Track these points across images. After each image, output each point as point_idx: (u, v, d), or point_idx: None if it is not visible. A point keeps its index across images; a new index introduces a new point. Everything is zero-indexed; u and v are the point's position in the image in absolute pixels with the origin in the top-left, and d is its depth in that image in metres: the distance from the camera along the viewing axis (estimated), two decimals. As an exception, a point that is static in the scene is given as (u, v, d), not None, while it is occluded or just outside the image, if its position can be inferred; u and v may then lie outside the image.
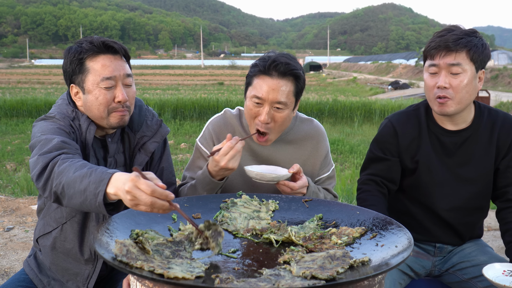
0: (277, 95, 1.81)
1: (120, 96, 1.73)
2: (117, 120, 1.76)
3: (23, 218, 4.65)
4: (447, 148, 1.97)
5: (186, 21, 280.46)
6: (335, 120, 14.94)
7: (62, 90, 24.63)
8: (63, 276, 1.85)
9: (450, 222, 2.01)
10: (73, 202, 1.41)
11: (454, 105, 1.87)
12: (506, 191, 1.98)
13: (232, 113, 2.10)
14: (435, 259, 2.10)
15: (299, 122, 2.08)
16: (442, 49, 1.84)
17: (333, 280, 1.10)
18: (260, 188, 2.01)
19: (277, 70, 1.81)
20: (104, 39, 1.75)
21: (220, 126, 2.06)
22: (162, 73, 53.71)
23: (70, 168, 1.41)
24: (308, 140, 2.05)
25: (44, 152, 1.51)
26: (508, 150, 1.97)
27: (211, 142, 2.04)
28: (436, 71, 1.88)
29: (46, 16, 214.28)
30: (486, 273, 1.65)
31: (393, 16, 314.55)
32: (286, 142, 2.03)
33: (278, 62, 1.81)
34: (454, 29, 1.88)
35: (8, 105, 14.68)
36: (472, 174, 1.97)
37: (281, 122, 1.87)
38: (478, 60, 1.85)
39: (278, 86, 1.81)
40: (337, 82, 42.43)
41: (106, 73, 1.71)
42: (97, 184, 1.33)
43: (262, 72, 1.83)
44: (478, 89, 1.91)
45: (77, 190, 1.37)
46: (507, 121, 1.98)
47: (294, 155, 2.02)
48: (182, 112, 14.93)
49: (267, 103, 1.83)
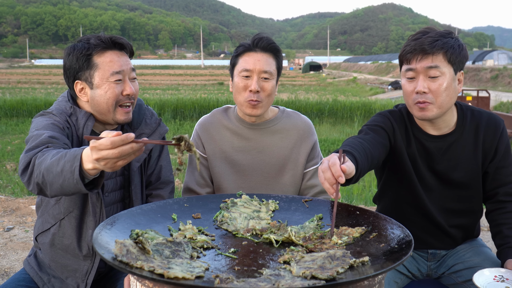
0: (263, 65, 2.01)
1: (128, 89, 1.82)
2: (123, 116, 1.83)
3: (23, 218, 4.65)
4: (432, 154, 1.93)
5: (186, 21, 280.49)
6: (335, 120, 14.95)
7: (62, 90, 24.62)
8: (63, 272, 1.87)
9: (442, 226, 1.98)
10: (55, 187, 1.45)
11: (435, 110, 1.82)
12: (496, 193, 1.95)
13: (219, 110, 2.22)
14: (430, 263, 2.08)
15: (286, 115, 2.19)
16: (418, 52, 1.79)
17: (333, 280, 1.10)
18: (241, 185, 2.10)
19: (259, 46, 2.03)
20: (111, 35, 1.83)
21: (205, 124, 2.17)
22: (162, 73, 53.73)
23: (47, 157, 1.47)
24: (295, 130, 2.15)
25: (30, 149, 1.57)
26: (495, 153, 1.93)
27: (200, 143, 2.15)
28: (414, 76, 1.83)
29: (46, 16, 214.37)
30: (477, 281, 1.60)
31: (393, 16, 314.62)
32: (273, 131, 2.13)
33: (260, 38, 2.05)
34: (429, 31, 1.83)
35: (8, 105, 14.70)
36: (460, 178, 1.93)
37: (269, 91, 2.02)
38: (456, 61, 1.81)
39: (263, 58, 2.02)
40: (337, 82, 42.45)
41: (115, 67, 1.79)
42: (72, 161, 1.37)
43: (247, 49, 2.04)
44: (459, 91, 1.87)
45: (55, 173, 1.41)
46: (491, 122, 1.93)
47: (280, 143, 2.13)
48: (182, 112, 14.94)
49: (255, 73, 2.01)
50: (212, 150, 2.12)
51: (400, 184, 1.99)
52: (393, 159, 1.96)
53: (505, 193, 1.94)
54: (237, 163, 2.10)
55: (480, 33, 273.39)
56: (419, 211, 1.98)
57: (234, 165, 2.10)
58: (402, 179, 1.97)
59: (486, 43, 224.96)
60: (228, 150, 2.11)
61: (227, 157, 2.11)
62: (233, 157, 2.11)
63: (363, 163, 1.61)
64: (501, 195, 1.94)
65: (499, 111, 16.13)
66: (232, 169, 2.11)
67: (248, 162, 2.10)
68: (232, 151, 2.11)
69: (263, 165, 2.10)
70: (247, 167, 2.10)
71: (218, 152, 2.12)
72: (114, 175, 1.90)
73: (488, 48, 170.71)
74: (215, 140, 2.13)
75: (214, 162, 2.12)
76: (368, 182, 6.72)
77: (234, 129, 2.12)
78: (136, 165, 1.90)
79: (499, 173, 1.94)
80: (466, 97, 13.17)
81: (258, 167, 2.10)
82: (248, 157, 2.10)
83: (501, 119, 1.97)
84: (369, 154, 1.71)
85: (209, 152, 2.13)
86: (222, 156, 2.11)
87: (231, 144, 2.12)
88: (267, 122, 2.13)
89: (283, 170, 2.11)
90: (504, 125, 1.96)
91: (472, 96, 13.45)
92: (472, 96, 13.46)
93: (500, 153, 1.93)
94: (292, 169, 2.11)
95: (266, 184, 2.10)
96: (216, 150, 2.12)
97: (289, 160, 2.11)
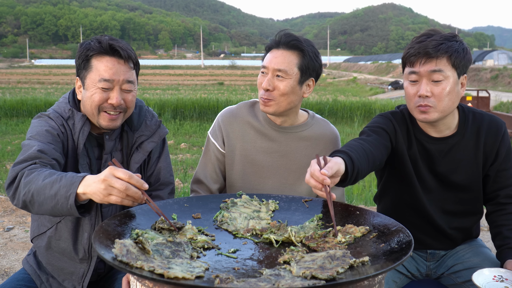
0: (277, 62, 1.92)
1: (114, 100, 1.76)
2: (106, 122, 1.78)
3: (23, 218, 4.65)
4: (433, 155, 1.92)
5: (186, 21, 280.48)
6: (335, 120, 14.94)
7: (62, 90, 24.66)
8: (59, 275, 1.88)
9: (441, 228, 1.98)
10: (44, 208, 1.47)
11: (436, 113, 1.81)
12: (497, 195, 1.95)
13: (247, 104, 2.13)
14: (429, 263, 2.08)
15: (316, 121, 2.11)
16: (422, 56, 1.78)
17: (333, 280, 1.10)
18: (256, 187, 2.03)
19: (283, 42, 1.95)
20: (112, 42, 1.77)
21: (229, 118, 2.07)
22: (162, 73, 53.72)
23: (39, 177, 1.48)
24: (322, 140, 2.07)
25: (18, 162, 1.59)
26: (496, 156, 1.92)
27: (219, 134, 2.07)
28: (417, 79, 1.81)
29: (46, 16, 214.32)
30: (476, 280, 1.60)
31: (393, 16, 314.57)
32: (300, 137, 2.05)
33: (283, 34, 1.96)
34: (434, 34, 1.81)
35: (8, 105, 14.70)
36: (461, 181, 1.93)
37: (282, 90, 1.92)
38: (460, 65, 1.79)
39: (281, 55, 1.94)
40: (337, 82, 42.45)
41: (105, 74, 1.74)
42: (68, 187, 1.40)
43: (272, 46, 1.98)
44: (461, 95, 1.85)
45: (47, 195, 1.43)
46: (493, 125, 1.92)
47: (305, 151, 2.04)
48: (182, 112, 14.94)
49: (270, 71, 1.94)
50: (232, 146, 2.05)
51: (400, 185, 1.99)
52: (394, 160, 1.96)
53: (505, 196, 1.94)
54: (257, 163, 2.03)
55: (480, 33, 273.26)
56: (418, 212, 1.98)
57: (253, 165, 2.02)
58: (402, 180, 1.97)
59: (486, 43, 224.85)
60: (250, 149, 2.03)
61: (247, 156, 2.03)
62: (254, 157, 2.03)
63: (360, 162, 1.61)
64: (501, 198, 1.94)
65: (499, 111, 16.13)
66: (250, 169, 2.03)
67: (268, 164, 2.03)
68: (253, 150, 2.03)
69: (282, 170, 2.03)
70: (266, 169, 2.03)
71: (238, 149, 2.04)
72: None
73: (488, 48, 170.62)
74: (237, 136, 2.05)
75: (232, 159, 2.05)
76: (368, 182, 6.73)
77: (259, 129, 2.04)
78: (135, 166, 1.90)
79: (500, 176, 1.94)
80: (466, 97, 13.16)
81: (277, 171, 2.03)
82: (269, 159, 2.03)
83: (503, 121, 1.96)
84: (370, 155, 1.70)
85: (229, 148, 2.05)
86: (242, 154, 2.04)
87: (253, 143, 2.03)
88: (295, 127, 2.04)
89: (302, 179, 2.01)
90: (506, 128, 1.95)
91: (472, 96, 13.45)
92: (472, 96, 13.46)
93: (501, 156, 1.92)
94: None
95: (281, 191, 2.03)
96: (237, 147, 2.04)
97: None
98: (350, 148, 1.64)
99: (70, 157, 1.78)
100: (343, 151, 1.59)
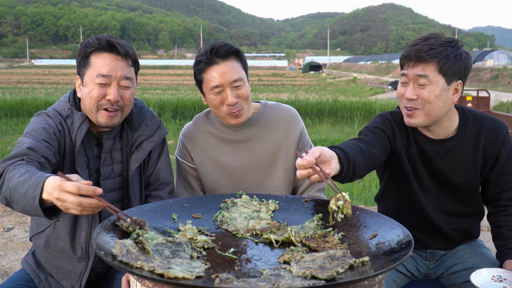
0: (230, 75, 1.90)
1: (111, 95, 1.76)
2: (104, 119, 1.79)
3: (23, 218, 4.65)
4: (431, 157, 1.92)
5: (186, 21, 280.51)
6: (335, 120, 14.95)
7: (62, 90, 24.65)
8: (57, 274, 1.88)
9: (441, 228, 1.98)
10: (19, 206, 1.45)
11: (422, 116, 1.80)
12: (499, 197, 1.95)
13: (201, 116, 2.16)
14: (429, 263, 2.08)
15: (269, 108, 2.12)
16: (411, 58, 1.78)
17: (333, 280, 1.10)
18: (236, 187, 2.06)
19: (218, 55, 1.90)
20: (111, 39, 1.79)
21: (189, 134, 2.12)
22: (162, 73, 53.73)
23: (16, 174, 1.47)
24: (280, 122, 2.08)
25: (8, 158, 1.58)
26: (497, 159, 1.91)
27: (187, 153, 2.10)
28: (406, 81, 1.82)
29: (46, 16, 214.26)
30: (474, 280, 1.60)
31: (393, 16, 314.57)
32: (258, 126, 2.07)
33: (216, 47, 1.90)
34: (432, 37, 1.80)
35: (8, 105, 14.70)
36: (458, 183, 1.93)
37: (246, 96, 1.94)
38: (449, 72, 1.76)
39: (227, 67, 1.90)
40: (337, 82, 42.46)
41: (103, 70, 1.76)
42: (34, 187, 1.37)
43: (207, 64, 1.91)
44: (453, 101, 1.83)
45: (19, 194, 1.42)
46: (493, 128, 1.91)
47: (268, 138, 2.06)
48: (182, 112, 14.94)
49: (226, 86, 1.90)
50: (200, 159, 2.08)
51: (400, 185, 1.99)
52: (392, 161, 1.96)
53: (507, 198, 1.94)
54: (228, 166, 2.05)
55: (480, 33, 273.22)
56: (418, 213, 1.98)
57: (226, 169, 2.05)
58: (401, 180, 1.97)
59: (486, 43, 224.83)
60: (217, 155, 2.06)
61: (217, 163, 2.06)
62: (223, 162, 2.05)
63: (355, 156, 1.61)
64: (503, 200, 1.95)
65: (499, 111, 16.13)
66: (224, 173, 2.06)
67: (239, 164, 2.05)
68: (221, 156, 2.06)
69: (254, 164, 2.06)
70: (239, 169, 2.05)
71: (207, 159, 2.07)
72: (112, 176, 1.90)
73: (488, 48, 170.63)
74: (202, 147, 2.08)
75: (205, 170, 2.08)
76: (368, 182, 6.73)
77: (218, 134, 2.07)
78: (134, 165, 1.90)
79: (502, 179, 1.94)
80: (466, 97, 13.16)
81: (249, 167, 2.06)
82: (238, 158, 2.05)
83: (504, 124, 1.94)
84: (366, 152, 1.71)
85: (198, 161, 2.08)
86: (212, 162, 2.07)
87: (218, 149, 2.07)
88: (250, 120, 2.06)
89: (275, 165, 2.05)
90: (507, 131, 1.93)
91: (472, 96, 13.43)
92: (472, 96, 13.44)
93: (502, 159, 1.92)
94: (284, 162, 2.05)
95: (260, 183, 2.06)
96: (205, 157, 2.07)
97: (280, 153, 2.05)
98: (343, 145, 1.66)
99: (67, 155, 1.78)
100: (336, 146, 1.60)
